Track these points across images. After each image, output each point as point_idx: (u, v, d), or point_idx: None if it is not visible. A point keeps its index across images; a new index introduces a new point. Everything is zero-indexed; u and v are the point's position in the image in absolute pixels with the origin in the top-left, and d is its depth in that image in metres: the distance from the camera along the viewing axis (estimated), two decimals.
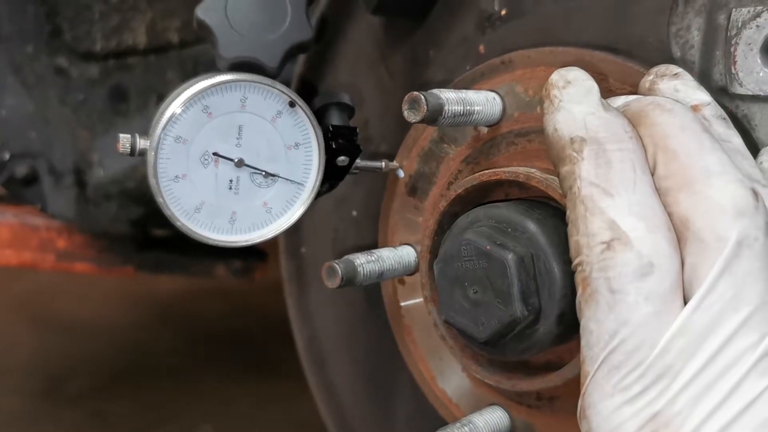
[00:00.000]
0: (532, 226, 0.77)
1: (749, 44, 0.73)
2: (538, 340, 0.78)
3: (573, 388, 0.82)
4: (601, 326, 0.62)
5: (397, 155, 0.99)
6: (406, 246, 0.97)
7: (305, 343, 1.25)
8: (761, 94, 0.73)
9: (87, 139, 1.55)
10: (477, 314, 0.79)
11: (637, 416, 0.60)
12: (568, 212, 0.66)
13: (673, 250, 0.62)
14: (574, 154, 0.66)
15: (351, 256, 0.90)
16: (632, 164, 0.64)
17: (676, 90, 0.72)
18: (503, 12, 0.92)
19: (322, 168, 0.88)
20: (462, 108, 0.82)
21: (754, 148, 0.73)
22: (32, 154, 1.61)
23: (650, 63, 0.79)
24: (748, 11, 0.73)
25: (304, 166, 0.87)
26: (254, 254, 1.88)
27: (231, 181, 0.85)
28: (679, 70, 0.74)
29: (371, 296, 1.08)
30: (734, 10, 0.74)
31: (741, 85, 0.73)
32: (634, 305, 0.61)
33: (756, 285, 0.59)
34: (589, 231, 0.63)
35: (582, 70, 0.71)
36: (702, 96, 0.72)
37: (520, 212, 0.78)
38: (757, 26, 0.72)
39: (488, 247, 0.77)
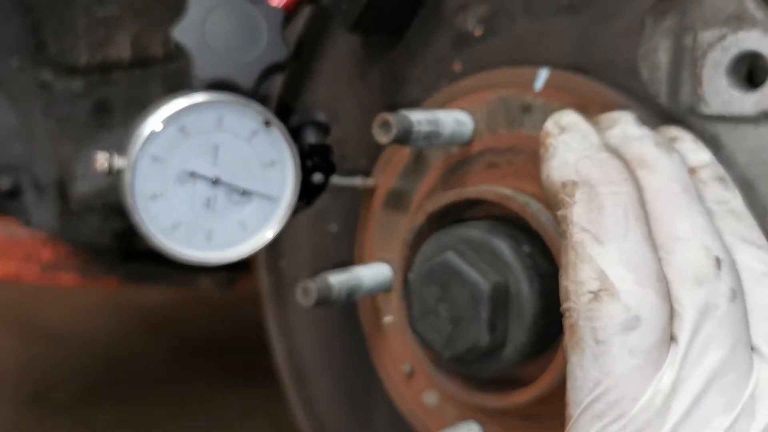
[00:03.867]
0: (508, 254, 0.78)
1: (715, 66, 0.74)
2: (503, 362, 0.80)
3: (545, 405, 0.84)
4: (585, 374, 0.62)
5: (374, 172, 1.00)
6: (383, 264, 0.98)
7: (284, 357, 1.25)
8: (727, 114, 0.74)
9: (71, 153, 1.55)
10: (445, 332, 0.81)
11: None
12: (561, 255, 0.66)
13: (661, 303, 0.62)
14: (567, 198, 0.65)
15: (325, 274, 0.92)
16: (625, 209, 0.64)
17: None
18: (478, 31, 0.93)
19: (297, 186, 0.89)
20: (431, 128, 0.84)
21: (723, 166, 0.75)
22: (16, 167, 1.62)
23: (619, 84, 0.80)
24: (714, 33, 0.74)
25: (280, 184, 0.89)
26: (238, 265, 1.88)
27: (207, 199, 0.86)
28: (678, 132, 0.73)
29: (349, 309, 1.09)
30: (700, 32, 0.75)
31: (707, 105, 0.75)
32: (619, 358, 0.61)
33: (719, 350, 0.61)
34: (578, 278, 0.63)
35: (576, 113, 0.71)
36: (701, 156, 0.72)
37: (499, 237, 0.80)
38: (723, 48, 0.74)
39: (465, 271, 0.79)
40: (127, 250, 1.79)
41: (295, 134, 0.89)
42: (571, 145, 0.68)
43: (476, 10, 0.93)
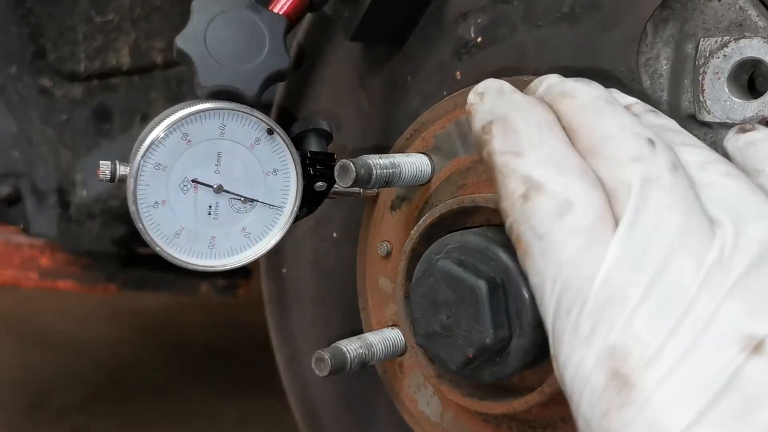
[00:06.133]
0: (501, 253, 0.79)
1: (716, 73, 0.74)
2: (509, 364, 0.80)
3: (543, 411, 0.84)
4: (543, 278, 0.61)
5: None
6: (394, 328, 0.99)
7: (286, 363, 1.26)
8: (728, 121, 0.74)
9: (70, 159, 1.56)
10: (449, 341, 0.81)
11: (592, 354, 0.58)
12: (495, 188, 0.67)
13: (590, 187, 0.62)
14: (486, 137, 0.67)
15: (339, 343, 0.94)
16: (537, 125, 0.65)
17: None
18: (479, 39, 0.93)
19: (300, 194, 0.89)
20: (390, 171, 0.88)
21: None
22: (15, 174, 1.62)
23: (621, 92, 0.80)
24: (716, 41, 0.74)
25: (282, 191, 0.89)
26: (238, 271, 1.89)
27: (210, 206, 0.86)
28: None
29: (351, 316, 1.09)
30: (702, 40, 0.75)
31: (709, 112, 0.75)
32: (563, 243, 0.60)
33: (674, 215, 0.59)
34: (508, 192, 0.64)
35: (493, 79, 0.73)
36: (628, 99, 0.73)
37: (489, 239, 0.80)
38: (724, 56, 0.74)
39: (460, 274, 0.79)
40: (126, 257, 1.80)
41: (297, 142, 0.89)
42: (488, 99, 0.70)
43: (477, 19, 0.93)
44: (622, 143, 0.63)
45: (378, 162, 0.87)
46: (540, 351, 0.80)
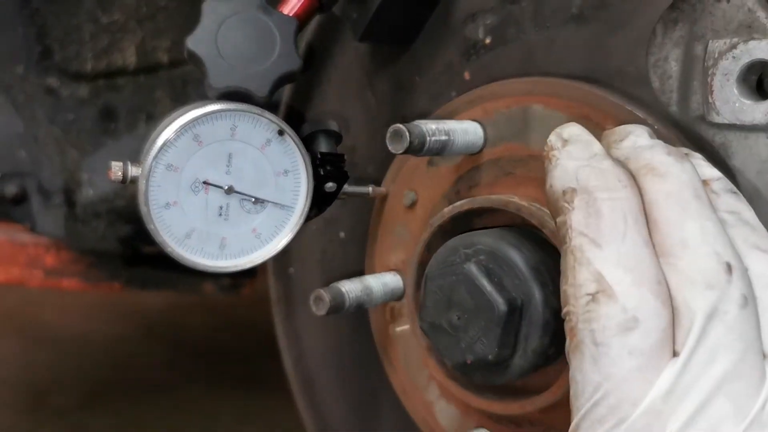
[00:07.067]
0: (530, 276, 0.79)
1: (725, 75, 0.75)
2: (503, 376, 0.80)
3: (550, 414, 0.85)
4: (585, 378, 0.61)
5: (384, 180, 1.01)
6: (393, 273, 0.99)
7: (293, 363, 1.26)
8: (737, 123, 0.74)
9: (76, 159, 1.56)
10: (452, 340, 0.81)
11: None
12: (561, 261, 0.66)
13: (660, 305, 0.61)
14: (566, 205, 0.66)
15: (338, 283, 0.93)
16: (623, 214, 0.64)
17: None
18: (487, 40, 0.94)
19: (310, 194, 0.89)
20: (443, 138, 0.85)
21: (730, 176, 0.75)
22: (21, 173, 1.62)
23: (629, 93, 0.81)
24: (725, 42, 0.75)
25: (293, 192, 0.89)
26: (243, 270, 1.88)
27: (221, 207, 0.86)
28: (689, 150, 0.73)
29: (358, 316, 1.09)
30: (711, 41, 0.76)
31: (718, 114, 0.75)
32: (617, 360, 0.60)
33: (728, 356, 0.59)
34: (577, 282, 0.63)
35: (579, 126, 0.72)
36: (712, 171, 0.71)
37: (524, 256, 0.81)
38: (733, 57, 0.74)
39: (484, 286, 0.79)
40: (130, 255, 1.80)
41: (307, 143, 0.90)
42: (573, 154, 0.69)
43: (485, 20, 0.93)
44: (700, 261, 0.62)
45: (431, 128, 0.85)
46: (535, 370, 0.80)
